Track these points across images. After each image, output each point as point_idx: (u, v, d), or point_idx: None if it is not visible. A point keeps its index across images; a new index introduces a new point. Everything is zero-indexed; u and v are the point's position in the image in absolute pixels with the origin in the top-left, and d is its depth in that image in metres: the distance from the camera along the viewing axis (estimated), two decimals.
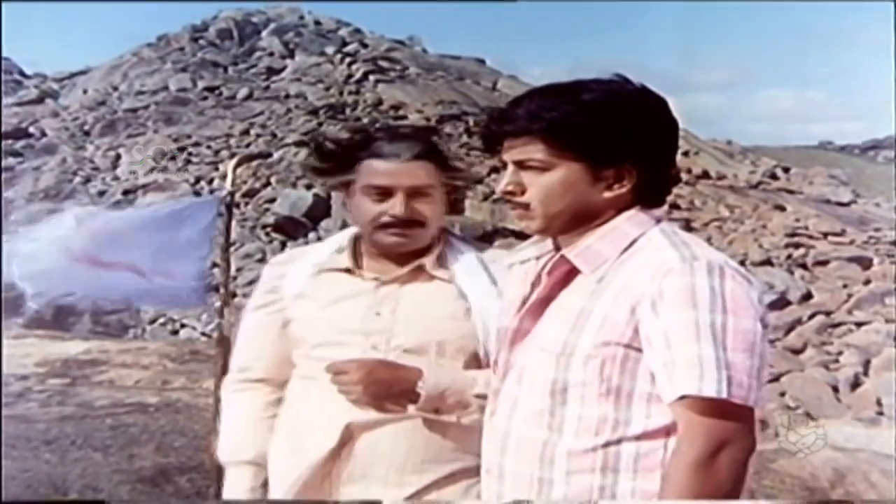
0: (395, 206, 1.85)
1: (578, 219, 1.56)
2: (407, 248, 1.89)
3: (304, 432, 1.89)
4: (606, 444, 1.49)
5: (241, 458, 1.97)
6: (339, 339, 1.86)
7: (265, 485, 1.96)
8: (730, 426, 1.40)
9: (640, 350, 1.48)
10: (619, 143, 1.52)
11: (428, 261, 1.90)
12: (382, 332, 1.86)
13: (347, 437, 1.83)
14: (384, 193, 1.86)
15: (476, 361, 1.86)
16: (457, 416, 1.81)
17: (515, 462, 1.57)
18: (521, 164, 1.57)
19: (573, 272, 1.57)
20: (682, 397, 1.41)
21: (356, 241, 1.97)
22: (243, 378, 2.02)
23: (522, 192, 1.58)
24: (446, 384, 1.80)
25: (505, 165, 1.60)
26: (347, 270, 1.93)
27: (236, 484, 1.97)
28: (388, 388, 1.80)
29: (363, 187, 1.88)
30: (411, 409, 1.81)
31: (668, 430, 1.47)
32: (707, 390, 1.39)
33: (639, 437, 1.48)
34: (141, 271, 3.18)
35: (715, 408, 1.39)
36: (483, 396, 1.76)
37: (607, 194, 1.55)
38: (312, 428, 1.87)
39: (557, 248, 1.63)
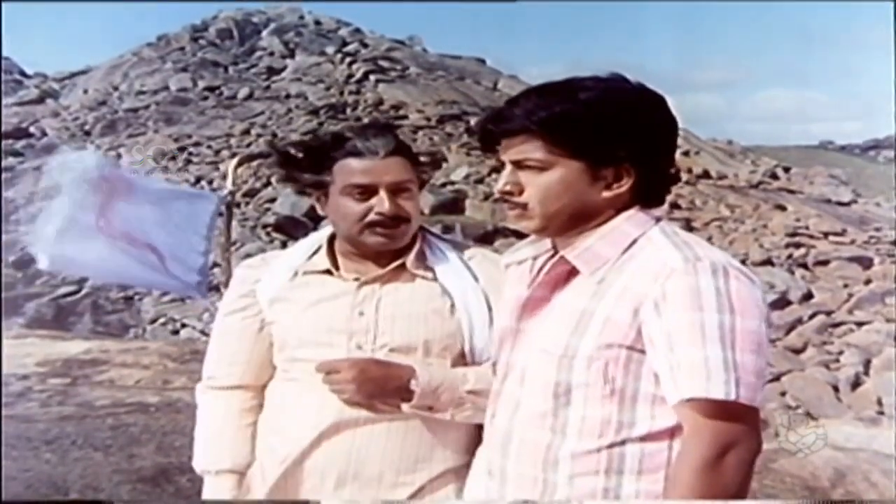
0: (382, 203, 1.82)
1: (577, 219, 1.55)
2: (392, 248, 1.86)
3: (288, 432, 1.87)
4: (611, 446, 1.48)
5: (219, 468, 1.94)
6: (324, 339, 1.84)
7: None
8: (736, 427, 1.39)
9: (643, 352, 1.46)
10: (618, 141, 1.51)
11: (408, 259, 1.88)
12: (367, 331, 1.84)
13: (331, 433, 1.82)
14: (366, 192, 1.83)
15: (462, 359, 1.85)
16: (451, 414, 1.79)
17: (518, 464, 1.56)
18: (519, 164, 1.56)
19: (572, 273, 1.56)
20: (689, 399, 1.40)
21: (331, 242, 1.95)
22: (217, 385, 1.98)
23: (520, 192, 1.56)
24: (439, 381, 1.79)
25: (503, 165, 1.59)
26: (327, 272, 1.91)
27: (216, 494, 1.94)
28: (381, 387, 1.79)
29: (344, 188, 1.85)
30: (405, 407, 1.79)
31: (672, 432, 1.47)
32: (715, 392, 1.38)
33: (643, 439, 1.47)
34: (161, 255, 3.15)
35: (722, 409, 1.38)
36: (475, 393, 1.75)
37: (606, 194, 1.54)
38: (296, 426, 1.85)
39: (554, 248, 1.62)
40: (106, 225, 3.07)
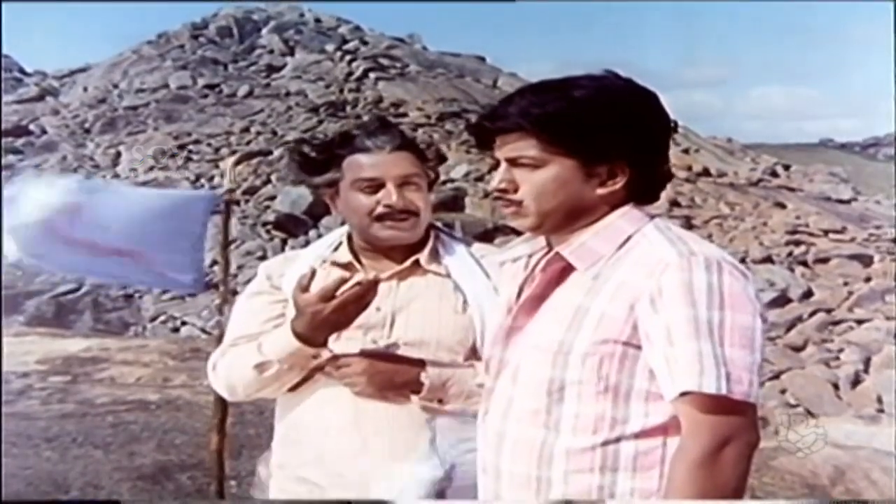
0: (389, 195, 1.87)
1: (571, 216, 1.56)
2: (403, 242, 1.90)
3: (305, 425, 1.90)
4: (605, 443, 1.48)
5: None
6: (340, 333, 1.86)
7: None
8: (733, 422, 1.40)
9: (638, 347, 1.47)
10: (612, 139, 1.51)
11: (423, 256, 1.93)
12: (383, 326, 1.88)
13: (348, 424, 1.85)
14: (374, 186, 1.88)
15: (474, 354, 1.88)
16: (460, 407, 1.82)
17: (512, 462, 1.56)
18: (513, 162, 1.56)
19: (567, 269, 1.56)
20: (684, 394, 1.40)
21: (350, 238, 1.99)
22: (246, 341, 1.94)
23: (515, 190, 1.57)
24: (449, 374, 1.82)
25: (499, 163, 1.60)
26: (348, 266, 1.94)
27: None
28: (391, 379, 1.82)
29: (353, 182, 1.90)
30: (414, 399, 1.83)
31: (666, 428, 1.47)
32: (707, 387, 1.38)
33: (637, 436, 1.48)
34: (140, 259, 3.18)
35: (717, 404, 1.39)
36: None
37: (600, 191, 1.55)
38: (313, 419, 1.88)
39: (549, 245, 1.63)
40: (67, 237, 3.11)
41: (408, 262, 1.91)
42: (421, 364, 1.83)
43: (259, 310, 1.98)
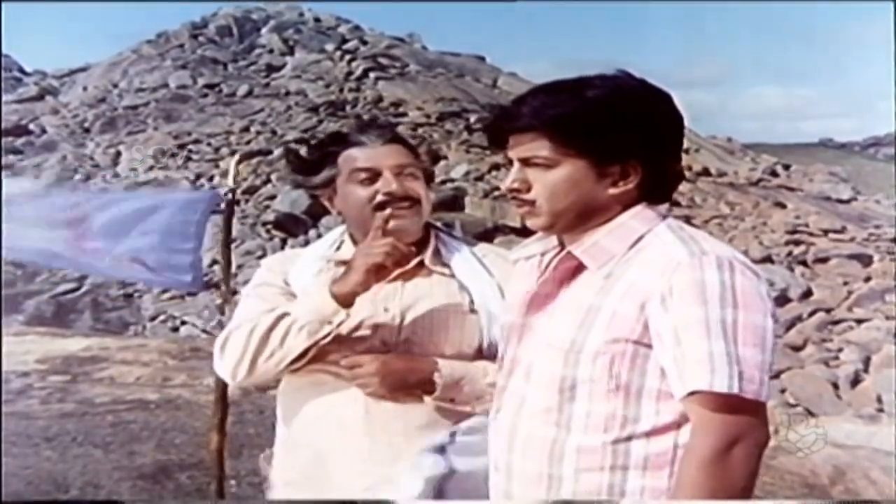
0: (388, 183, 1.88)
1: (584, 216, 1.56)
2: (406, 232, 1.89)
3: (315, 426, 1.89)
4: (616, 441, 1.49)
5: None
6: (349, 334, 1.85)
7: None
8: (743, 421, 1.40)
9: (649, 346, 1.47)
10: (625, 139, 1.51)
11: (426, 256, 1.93)
12: (392, 326, 1.88)
13: (358, 426, 1.85)
14: (371, 176, 1.89)
15: (480, 354, 1.88)
16: (471, 406, 1.83)
17: (523, 459, 1.56)
18: (526, 162, 1.56)
19: (579, 268, 1.56)
20: (694, 393, 1.41)
21: (352, 237, 1.98)
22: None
23: (528, 190, 1.57)
24: (461, 374, 1.83)
25: (511, 163, 1.60)
26: None
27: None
28: (404, 380, 1.82)
29: (349, 175, 1.90)
30: (427, 399, 1.83)
31: (677, 427, 1.47)
32: (719, 385, 1.39)
33: (648, 434, 1.48)
34: (144, 263, 3.20)
35: (727, 403, 1.39)
36: (495, 386, 1.76)
37: (613, 191, 1.54)
38: (323, 420, 1.87)
39: (562, 244, 1.63)
40: (71, 240, 3.13)
41: (412, 263, 1.90)
42: (434, 364, 1.83)
43: (269, 298, 1.93)
